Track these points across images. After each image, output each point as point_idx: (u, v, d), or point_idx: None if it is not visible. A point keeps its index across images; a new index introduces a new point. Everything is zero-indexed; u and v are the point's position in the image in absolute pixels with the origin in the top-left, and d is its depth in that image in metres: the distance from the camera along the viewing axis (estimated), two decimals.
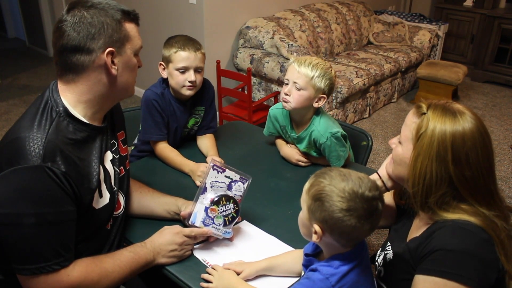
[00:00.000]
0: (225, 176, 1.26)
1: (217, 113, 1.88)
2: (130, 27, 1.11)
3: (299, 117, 1.67)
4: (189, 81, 1.64)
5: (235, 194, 1.27)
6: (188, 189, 1.53)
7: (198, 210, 1.25)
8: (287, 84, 1.59)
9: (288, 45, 3.37)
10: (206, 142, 1.79)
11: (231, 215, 1.24)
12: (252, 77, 3.46)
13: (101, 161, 1.16)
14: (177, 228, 1.23)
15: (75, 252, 1.09)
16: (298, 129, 1.70)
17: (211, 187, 1.25)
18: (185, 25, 3.51)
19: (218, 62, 3.31)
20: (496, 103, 4.41)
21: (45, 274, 1.01)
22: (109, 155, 1.22)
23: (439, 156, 0.97)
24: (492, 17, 4.76)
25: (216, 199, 1.23)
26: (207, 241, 1.28)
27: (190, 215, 1.25)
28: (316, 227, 0.93)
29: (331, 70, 1.59)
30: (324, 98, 1.59)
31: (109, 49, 1.06)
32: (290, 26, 3.78)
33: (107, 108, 1.20)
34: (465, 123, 0.97)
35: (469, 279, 0.90)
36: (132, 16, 1.13)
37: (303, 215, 0.99)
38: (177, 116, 1.76)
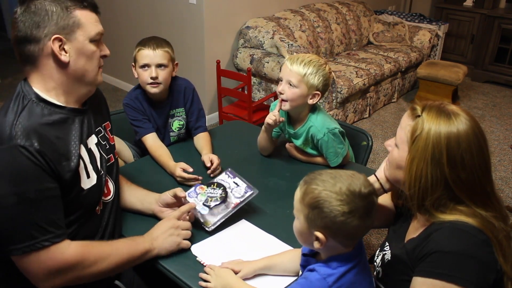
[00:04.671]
0: (234, 182, 1.35)
1: (204, 111, 1.90)
2: (82, 14, 1.11)
3: (296, 114, 1.68)
4: (151, 77, 1.68)
5: (233, 195, 1.29)
6: (187, 189, 1.54)
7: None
8: (282, 81, 1.60)
9: (288, 45, 3.37)
10: (200, 142, 1.81)
11: (215, 198, 1.30)
12: (252, 77, 3.46)
13: (82, 141, 1.16)
14: (167, 217, 1.29)
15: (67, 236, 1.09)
16: (295, 125, 1.71)
17: None
18: (185, 25, 3.51)
19: (218, 62, 3.31)
20: (496, 103, 4.41)
21: (35, 251, 1.01)
22: (93, 139, 1.23)
23: (434, 159, 0.96)
24: (492, 17, 4.76)
25: (209, 182, 1.36)
26: (205, 240, 1.29)
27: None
28: (319, 234, 0.93)
29: (326, 67, 1.59)
30: (319, 94, 1.59)
31: (54, 36, 1.07)
32: (290, 26, 3.78)
33: (83, 94, 1.19)
34: (459, 124, 0.96)
35: (467, 280, 0.90)
36: (86, 4, 1.12)
37: (300, 225, 0.97)
38: (154, 118, 1.80)
